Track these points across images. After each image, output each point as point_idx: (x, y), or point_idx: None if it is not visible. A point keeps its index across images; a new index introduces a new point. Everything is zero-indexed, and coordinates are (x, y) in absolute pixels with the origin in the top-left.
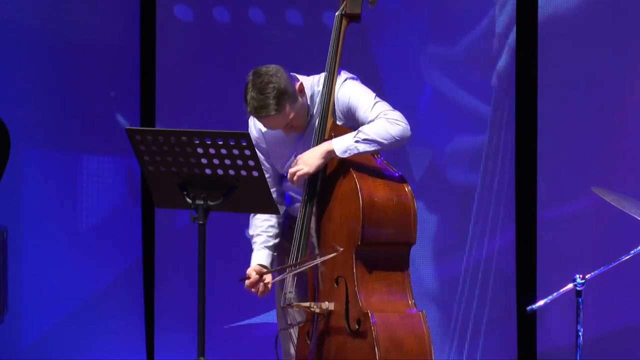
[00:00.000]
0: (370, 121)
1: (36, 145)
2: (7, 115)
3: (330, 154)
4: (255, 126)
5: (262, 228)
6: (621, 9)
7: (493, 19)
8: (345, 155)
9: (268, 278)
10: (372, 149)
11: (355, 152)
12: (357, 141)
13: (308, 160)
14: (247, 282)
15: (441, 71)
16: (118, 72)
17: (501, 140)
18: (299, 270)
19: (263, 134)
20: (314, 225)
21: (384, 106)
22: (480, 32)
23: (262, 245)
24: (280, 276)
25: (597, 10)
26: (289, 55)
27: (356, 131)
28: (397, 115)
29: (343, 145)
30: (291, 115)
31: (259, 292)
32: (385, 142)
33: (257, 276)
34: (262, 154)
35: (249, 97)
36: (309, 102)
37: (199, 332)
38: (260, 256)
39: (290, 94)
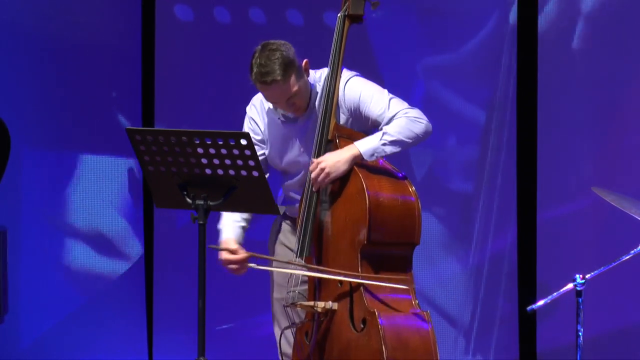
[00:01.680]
0: (389, 119)
1: (36, 145)
2: (7, 115)
3: (357, 159)
4: (256, 114)
5: None
6: (621, 11)
7: (494, 20)
8: (372, 159)
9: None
10: (398, 149)
11: (382, 154)
12: (383, 144)
13: (334, 165)
14: (230, 257)
15: (442, 71)
16: (119, 72)
17: (501, 140)
18: (287, 271)
19: (263, 126)
20: (317, 225)
21: (401, 104)
22: (481, 33)
23: (236, 225)
24: (266, 268)
25: (597, 11)
26: None
27: (380, 133)
28: (417, 112)
29: (369, 148)
30: (295, 88)
31: (234, 271)
32: (410, 141)
33: (245, 255)
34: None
35: (256, 63)
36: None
37: (199, 332)
38: (235, 232)
39: (296, 67)
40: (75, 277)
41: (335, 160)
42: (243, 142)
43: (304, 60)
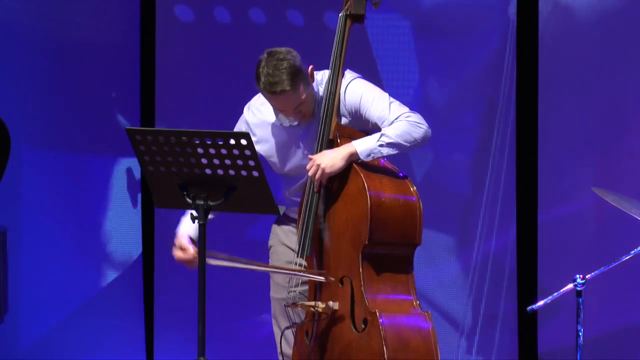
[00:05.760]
0: (390, 123)
1: (36, 145)
2: (7, 115)
3: (353, 157)
4: (252, 120)
5: None
6: (622, 11)
7: (493, 21)
8: (369, 159)
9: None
10: (395, 152)
11: (379, 155)
12: (381, 145)
13: (329, 162)
14: (181, 254)
15: (442, 71)
16: (118, 72)
17: (501, 140)
18: (250, 268)
19: (260, 132)
20: (318, 225)
21: (401, 108)
22: (481, 34)
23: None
24: (223, 263)
25: (597, 11)
26: None
27: (378, 134)
28: (418, 117)
29: (366, 148)
30: (303, 96)
31: (186, 265)
32: (408, 145)
33: (195, 254)
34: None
35: (263, 73)
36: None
37: (199, 332)
38: (192, 227)
39: (303, 75)
40: (76, 277)
41: (331, 157)
42: (243, 142)
43: (310, 67)
